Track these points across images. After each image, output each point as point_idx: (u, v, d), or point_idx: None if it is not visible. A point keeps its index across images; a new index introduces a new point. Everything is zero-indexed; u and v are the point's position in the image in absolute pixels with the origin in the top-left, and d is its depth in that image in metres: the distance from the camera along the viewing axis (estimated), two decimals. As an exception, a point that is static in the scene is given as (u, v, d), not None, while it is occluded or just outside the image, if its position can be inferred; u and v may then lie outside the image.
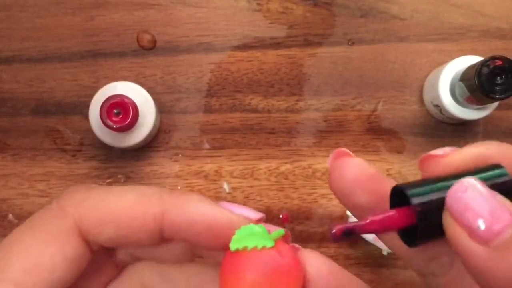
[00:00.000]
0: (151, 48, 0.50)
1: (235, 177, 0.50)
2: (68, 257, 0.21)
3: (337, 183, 0.22)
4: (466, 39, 0.51)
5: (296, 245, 0.24)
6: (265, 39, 0.51)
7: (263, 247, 0.21)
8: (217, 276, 0.24)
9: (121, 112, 0.43)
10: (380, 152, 0.51)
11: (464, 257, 0.19)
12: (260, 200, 0.50)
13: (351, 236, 0.21)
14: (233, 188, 0.50)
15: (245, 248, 0.21)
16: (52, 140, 0.50)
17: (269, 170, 0.50)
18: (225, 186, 0.50)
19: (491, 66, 0.42)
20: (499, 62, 0.42)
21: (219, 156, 0.50)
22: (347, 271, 0.23)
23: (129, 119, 0.43)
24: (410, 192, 0.20)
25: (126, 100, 0.44)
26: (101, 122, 0.43)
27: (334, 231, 0.21)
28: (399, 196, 0.21)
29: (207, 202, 0.22)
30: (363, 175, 0.22)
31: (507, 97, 0.42)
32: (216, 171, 0.50)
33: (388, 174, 0.50)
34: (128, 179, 0.50)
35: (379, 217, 0.21)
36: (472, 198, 0.19)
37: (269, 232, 0.23)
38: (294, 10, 0.51)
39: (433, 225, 0.20)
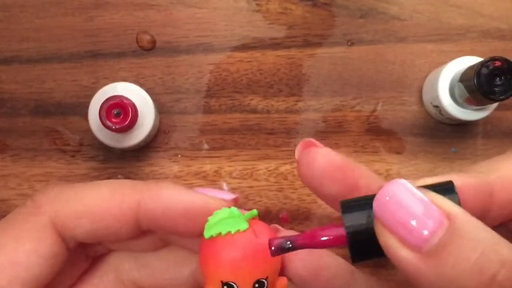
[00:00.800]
0: (151, 48, 0.50)
1: (234, 178, 0.50)
2: (43, 254, 0.21)
3: (306, 174, 0.22)
4: (466, 39, 0.51)
5: (277, 226, 0.24)
6: (265, 40, 0.51)
7: (237, 231, 0.21)
8: (192, 258, 0.24)
9: (120, 113, 0.44)
10: (380, 152, 0.51)
11: (399, 266, 0.18)
12: (260, 201, 0.50)
13: (289, 250, 0.20)
14: (233, 189, 0.50)
15: (219, 234, 0.21)
16: (51, 141, 0.50)
17: (269, 171, 0.50)
18: (225, 186, 0.50)
19: (491, 67, 0.42)
20: (498, 63, 0.42)
21: (219, 156, 0.50)
22: (328, 251, 0.23)
23: (129, 119, 0.43)
24: (344, 210, 0.19)
25: (125, 101, 0.44)
26: (100, 123, 0.43)
27: (272, 247, 0.20)
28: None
29: (181, 188, 0.22)
30: (331, 165, 0.22)
31: (506, 98, 0.42)
32: (215, 171, 0.50)
33: (388, 175, 0.50)
34: (128, 179, 0.50)
35: (311, 234, 0.20)
36: (400, 202, 0.18)
37: (242, 213, 0.22)
38: (293, 10, 0.51)
39: (369, 245, 0.19)
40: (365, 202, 0.19)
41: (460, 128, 0.51)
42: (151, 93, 0.48)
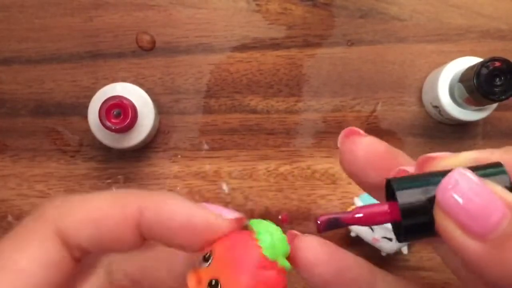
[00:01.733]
0: (150, 49, 0.50)
1: (234, 178, 0.50)
2: (46, 262, 0.21)
3: (349, 164, 0.22)
4: (466, 40, 0.51)
5: (295, 232, 0.23)
6: (264, 40, 0.51)
7: (261, 248, 0.21)
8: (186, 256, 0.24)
9: (120, 113, 0.44)
10: (379, 153, 0.51)
11: (461, 254, 0.18)
12: (259, 201, 0.50)
13: (337, 227, 0.21)
14: (232, 189, 0.50)
15: (253, 232, 0.21)
16: (51, 141, 0.50)
17: (268, 171, 0.50)
18: (224, 187, 0.50)
19: (490, 68, 0.42)
20: (498, 64, 0.42)
21: (218, 157, 0.50)
22: (347, 252, 0.23)
23: (128, 120, 0.43)
24: (396, 186, 0.19)
25: (125, 101, 0.44)
26: (100, 123, 0.43)
27: (319, 221, 0.20)
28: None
29: (185, 200, 0.22)
30: (374, 154, 0.21)
31: (506, 99, 0.42)
32: (215, 171, 0.50)
33: (387, 175, 0.50)
34: (128, 180, 0.50)
35: (366, 209, 0.20)
36: (463, 191, 0.18)
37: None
38: (293, 10, 0.51)
39: (422, 222, 0.19)
40: (416, 182, 0.20)
41: (460, 128, 0.51)
42: (151, 93, 0.48)
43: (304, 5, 0.51)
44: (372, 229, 0.46)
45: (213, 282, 0.20)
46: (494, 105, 0.47)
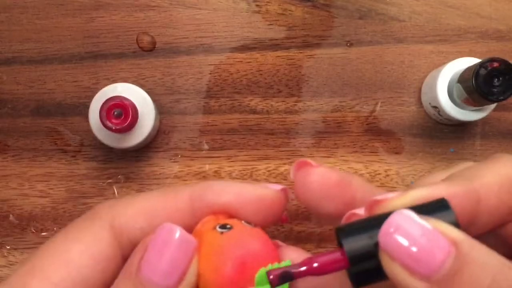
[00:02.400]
0: (151, 49, 0.51)
1: (234, 178, 0.50)
2: (96, 256, 0.21)
3: (302, 195, 0.22)
4: (464, 40, 0.51)
5: (279, 242, 0.24)
6: (264, 41, 0.51)
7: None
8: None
9: (120, 113, 0.44)
10: (379, 153, 0.51)
11: None
12: (259, 201, 0.50)
13: (288, 281, 0.20)
14: (232, 189, 0.50)
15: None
16: (52, 141, 0.50)
17: (268, 171, 0.50)
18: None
19: (489, 68, 0.42)
20: (496, 64, 0.42)
21: (218, 156, 0.50)
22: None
23: (129, 120, 0.44)
24: (342, 234, 0.19)
25: (125, 101, 0.44)
26: (100, 124, 0.44)
27: (271, 276, 0.20)
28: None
29: (230, 181, 0.23)
30: (327, 185, 0.22)
31: (504, 99, 0.42)
32: (215, 171, 0.50)
33: (387, 175, 0.51)
34: (128, 180, 0.50)
35: (319, 258, 0.20)
36: (405, 233, 0.18)
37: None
38: (293, 11, 0.51)
39: (372, 267, 0.19)
40: (362, 227, 0.19)
41: (459, 128, 0.51)
42: (151, 93, 0.48)
43: (304, 6, 0.51)
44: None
45: (228, 226, 0.21)
46: (493, 106, 0.47)
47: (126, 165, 0.50)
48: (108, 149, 0.49)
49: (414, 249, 0.18)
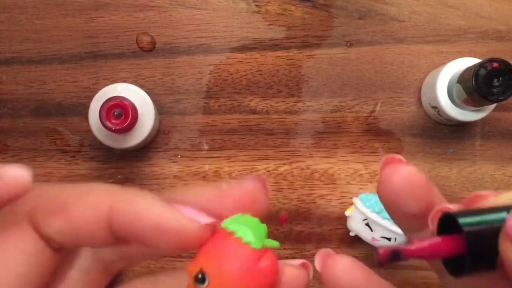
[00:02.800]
0: (151, 49, 0.51)
1: (234, 178, 0.50)
2: (26, 251, 0.21)
3: (387, 191, 0.22)
4: (464, 40, 0.51)
5: (328, 250, 0.23)
6: (264, 41, 0.51)
7: (248, 243, 0.21)
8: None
9: (120, 113, 0.44)
10: (378, 153, 0.51)
11: None
12: (259, 201, 0.50)
13: (397, 260, 0.20)
14: (232, 189, 0.50)
15: (232, 232, 0.21)
16: (52, 141, 0.50)
17: (268, 171, 0.50)
18: (224, 187, 0.50)
19: (488, 68, 0.42)
20: (496, 65, 0.42)
21: (218, 157, 0.50)
22: (379, 278, 0.23)
23: (128, 121, 0.43)
24: (461, 220, 0.20)
25: (125, 102, 0.44)
26: (100, 124, 0.43)
27: (381, 253, 0.20)
28: (445, 223, 0.20)
29: (158, 201, 0.21)
30: (413, 184, 0.21)
31: (504, 99, 0.42)
32: (215, 172, 0.50)
33: (386, 175, 0.51)
34: (128, 180, 0.50)
35: (427, 243, 0.20)
36: None
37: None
38: (292, 12, 0.51)
39: (482, 256, 0.20)
40: (480, 215, 0.20)
41: (458, 128, 0.51)
42: (151, 94, 0.48)
43: (304, 6, 0.51)
44: (371, 229, 0.47)
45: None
46: (493, 106, 0.47)
47: (126, 165, 0.50)
48: (108, 149, 0.49)
49: None
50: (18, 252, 0.21)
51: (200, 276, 0.20)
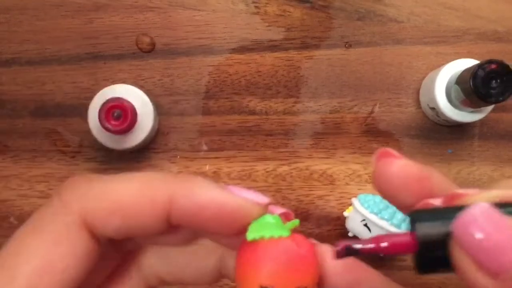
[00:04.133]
0: (150, 50, 0.51)
1: (233, 179, 0.50)
2: (78, 255, 0.20)
3: (381, 185, 0.22)
4: (463, 41, 0.52)
5: (313, 240, 0.24)
6: (263, 42, 0.51)
7: (280, 237, 0.21)
8: (217, 250, 0.24)
9: (120, 115, 0.44)
10: (377, 154, 0.51)
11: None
12: (258, 202, 0.50)
13: (354, 254, 0.20)
14: (231, 190, 0.50)
15: (262, 238, 0.21)
16: (51, 142, 0.50)
17: (267, 172, 0.51)
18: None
19: (487, 70, 0.42)
20: (494, 66, 0.42)
21: (217, 157, 0.51)
22: (364, 265, 0.23)
23: (128, 122, 0.44)
24: (416, 218, 0.20)
25: (124, 103, 0.44)
26: (99, 125, 0.44)
27: (337, 248, 0.20)
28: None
29: (215, 187, 0.21)
30: (407, 177, 0.21)
31: (502, 101, 0.43)
32: (214, 172, 0.50)
33: (385, 176, 0.51)
34: (127, 181, 0.50)
35: (384, 239, 0.20)
36: (482, 227, 0.18)
37: (283, 216, 0.22)
38: (291, 13, 0.51)
39: (439, 255, 0.19)
40: (437, 215, 0.20)
41: (457, 129, 0.51)
42: (150, 94, 0.48)
43: (303, 7, 0.51)
44: (369, 229, 0.47)
45: None
46: (491, 107, 0.47)
47: (126, 166, 0.50)
48: (108, 150, 0.49)
49: (487, 243, 0.17)
50: (72, 255, 0.20)
51: None
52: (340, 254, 0.20)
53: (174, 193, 0.21)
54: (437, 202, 0.21)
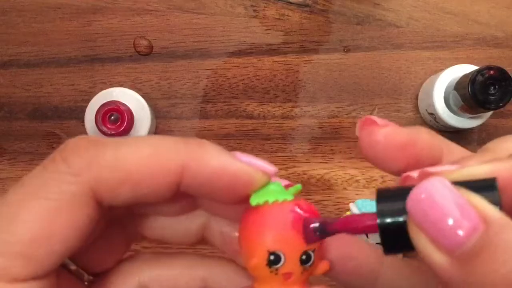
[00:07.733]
0: (148, 53, 0.51)
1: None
2: (80, 226, 0.20)
3: (367, 153, 0.22)
4: (462, 47, 0.51)
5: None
6: (261, 46, 0.51)
7: (284, 200, 0.21)
8: (202, 213, 0.24)
9: (116, 118, 0.44)
10: (375, 159, 0.51)
11: (430, 267, 0.18)
12: (255, 206, 0.50)
13: (325, 234, 0.21)
14: (228, 194, 0.50)
15: (266, 202, 0.21)
16: (48, 144, 0.50)
17: (264, 176, 0.50)
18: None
19: (485, 76, 0.42)
20: (492, 72, 0.42)
21: (215, 161, 0.50)
22: (355, 238, 0.23)
23: (124, 125, 0.44)
24: (377, 197, 0.19)
25: (121, 106, 0.44)
26: (96, 128, 0.43)
27: (309, 228, 0.20)
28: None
29: (226, 153, 0.21)
30: (390, 146, 0.21)
31: (500, 107, 0.42)
32: (211, 176, 0.50)
33: (383, 181, 0.51)
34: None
35: (352, 218, 0.20)
36: (433, 201, 0.17)
37: (286, 188, 0.22)
38: (290, 17, 0.51)
39: (401, 235, 0.19)
40: (401, 194, 0.19)
41: (456, 135, 0.51)
42: (148, 98, 0.48)
43: (301, 11, 0.51)
44: (367, 235, 0.47)
45: (304, 257, 0.21)
46: (489, 113, 0.47)
47: (122, 169, 0.50)
48: (104, 153, 0.49)
49: (441, 219, 0.17)
50: (74, 226, 0.19)
51: (272, 257, 0.21)
52: (311, 234, 0.20)
53: (187, 161, 0.20)
54: (415, 175, 0.21)
